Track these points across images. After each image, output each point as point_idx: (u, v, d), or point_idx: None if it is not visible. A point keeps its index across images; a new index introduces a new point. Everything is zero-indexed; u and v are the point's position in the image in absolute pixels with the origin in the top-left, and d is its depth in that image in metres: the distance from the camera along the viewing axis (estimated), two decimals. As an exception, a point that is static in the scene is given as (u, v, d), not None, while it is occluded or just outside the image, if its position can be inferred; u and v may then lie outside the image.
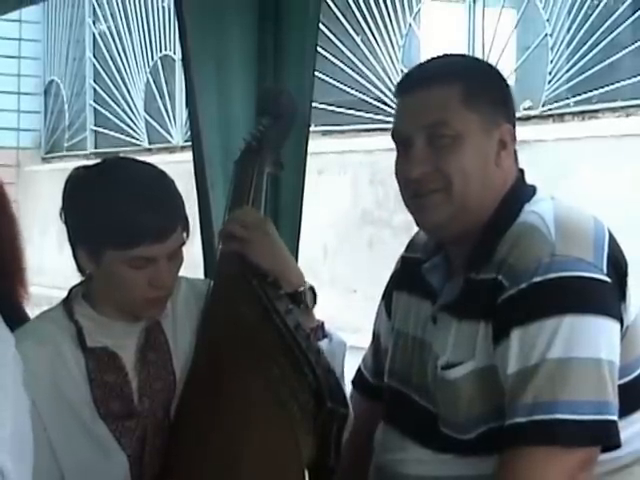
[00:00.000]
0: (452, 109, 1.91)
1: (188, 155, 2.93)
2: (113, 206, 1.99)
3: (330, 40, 7.43)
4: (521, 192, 1.96)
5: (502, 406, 1.82)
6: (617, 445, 1.79)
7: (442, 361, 1.92)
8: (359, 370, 2.31)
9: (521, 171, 2.01)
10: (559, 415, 1.74)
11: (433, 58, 2.08)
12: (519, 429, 1.77)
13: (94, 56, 10.34)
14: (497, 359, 1.84)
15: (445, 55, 2.10)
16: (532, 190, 1.98)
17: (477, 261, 1.91)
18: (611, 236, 1.90)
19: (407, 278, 2.14)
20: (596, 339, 1.78)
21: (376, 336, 2.26)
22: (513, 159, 1.98)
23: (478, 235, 1.93)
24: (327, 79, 7.32)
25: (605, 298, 1.82)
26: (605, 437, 1.78)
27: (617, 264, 1.87)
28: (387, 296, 2.22)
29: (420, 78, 1.99)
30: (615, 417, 1.77)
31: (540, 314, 1.79)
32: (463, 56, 2.13)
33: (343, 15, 7.55)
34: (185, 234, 2.07)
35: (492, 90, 1.97)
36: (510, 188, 1.95)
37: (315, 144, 2.84)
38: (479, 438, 1.88)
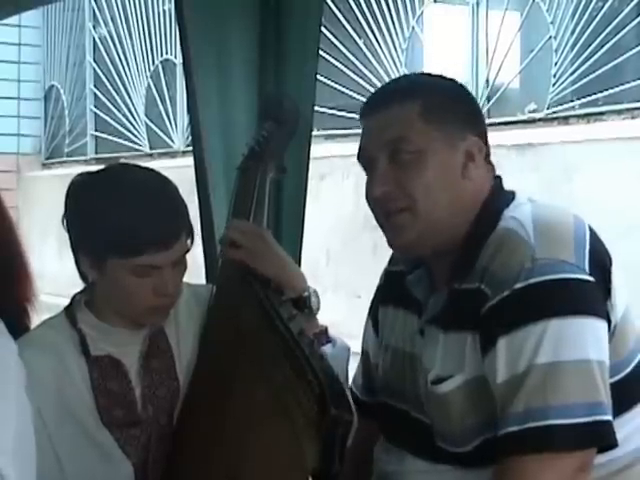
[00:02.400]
0: (412, 125, 1.91)
1: (189, 160, 2.92)
2: (117, 213, 1.99)
3: (332, 43, 7.43)
4: (499, 199, 1.94)
5: (496, 416, 1.80)
6: (614, 445, 1.77)
7: (432, 375, 1.91)
8: (349, 388, 2.28)
9: (498, 178, 1.99)
10: (552, 421, 1.72)
11: (394, 79, 2.15)
12: (513, 438, 1.75)
13: (94, 61, 10.34)
14: (486, 369, 1.82)
15: (406, 75, 2.18)
16: (511, 195, 1.96)
17: (459, 271, 1.90)
18: (592, 233, 1.88)
19: (392, 292, 2.13)
20: (583, 340, 1.76)
21: (365, 353, 2.24)
22: (486, 169, 1.97)
23: (459, 246, 1.91)
24: (330, 83, 7.30)
25: (590, 298, 1.80)
26: (601, 438, 1.76)
27: (600, 262, 1.85)
28: (373, 312, 2.20)
29: (381, 99, 1.99)
30: (609, 417, 1.75)
31: (525, 320, 1.77)
32: (424, 74, 2.17)
33: (345, 18, 7.54)
34: (189, 241, 2.07)
35: (454, 105, 1.95)
36: (487, 197, 1.94)
37: (318, 148, 2.81)
38: (476, 450, 1.87)
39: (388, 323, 2.12)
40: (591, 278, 1.80)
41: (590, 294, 1.80)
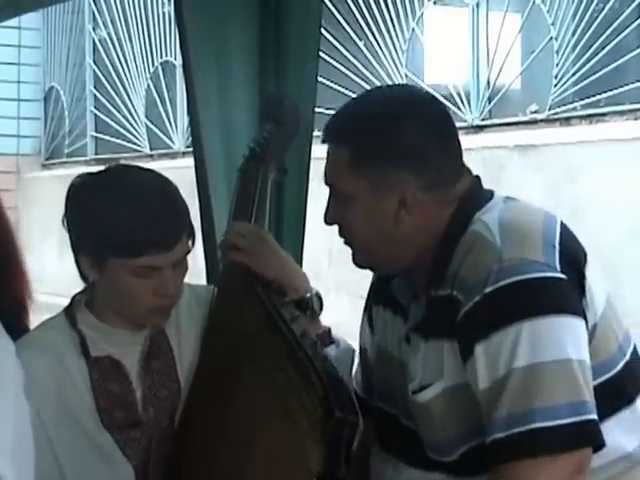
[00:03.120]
0: (340, 174, 1.91)
1: (190, 161, 2.91)
2: (117, 214, 1.98)
3: (333, 45, 7.42)
4: (472, 202, 1.90)
5: (480, 423, 1.77)
6: (602, 445, 1.73)
7: (413, 385, 1.90)
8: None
9: (476, 178, 1.95)
10: (537, 424, 1.69)
11: (338, 112, 1.97)
12: (500, 445, 1.72)
13: (94, 62, 10.33)
14: (469, 377, 1.79)
15: (346, 110, 1.98)
16: (488, 197, 1.92)
17: (434, 278, 1.88)
18: (564, 230, 1.85)
19: (381, 293, 2.12)
20: (561, 339, 1.73)
21: (363, 351, 2.22)
22: (441, 191, 1.88)
23: (434, 252, 1.89)
24: (330, 84, 7.29)
25: (563, 296, 1.76)
26: (588, 438, 1.73)
27: (572, 259, 1.81)
28: (368, 310, 2.19)
29: (324, 134, 1.96)
30: (595, 416, 1.72)
31: (499, 324, 1.74)
32: (369, 107, 1.97)
33: (346, 20, 7.54)
34: (190, 242, 2.07)
35: (390, 150, 1.87)
36: (461, 199, 1.89)
37: (319, 149, 2.80)
38: (462, 458, 1.85)
39: (380, 323, 2.10)
40: (563, 276, 1.77)
41: (564, 292, 1.77)
